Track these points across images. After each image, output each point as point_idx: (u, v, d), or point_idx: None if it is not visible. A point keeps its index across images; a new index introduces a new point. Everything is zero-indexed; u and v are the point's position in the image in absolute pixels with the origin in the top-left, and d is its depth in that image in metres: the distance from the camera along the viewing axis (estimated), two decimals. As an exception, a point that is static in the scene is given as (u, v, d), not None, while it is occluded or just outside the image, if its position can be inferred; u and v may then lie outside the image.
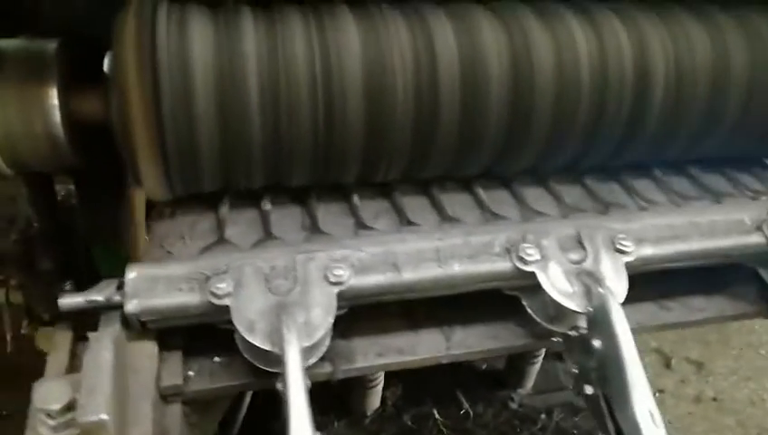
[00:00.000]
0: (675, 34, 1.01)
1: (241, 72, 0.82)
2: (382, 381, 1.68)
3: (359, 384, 1.67)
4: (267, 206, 0.95)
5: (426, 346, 0.88)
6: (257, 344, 0.71)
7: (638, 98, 0.99)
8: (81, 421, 0.61)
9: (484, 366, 1.87)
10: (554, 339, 0.89)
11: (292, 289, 0.76)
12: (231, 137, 0.84)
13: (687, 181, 1.13)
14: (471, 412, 1.81)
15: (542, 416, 1.76)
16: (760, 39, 1.05)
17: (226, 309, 0.73)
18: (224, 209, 0.93)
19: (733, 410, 2.38)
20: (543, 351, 1.72)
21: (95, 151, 0.91)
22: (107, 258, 1.04)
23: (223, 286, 0.73)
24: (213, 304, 0.73)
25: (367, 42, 0.87)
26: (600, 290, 0.80)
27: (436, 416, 1.78)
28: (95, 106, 0.86)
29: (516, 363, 1.76)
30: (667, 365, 2.55)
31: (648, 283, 0.97)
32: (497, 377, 1.85)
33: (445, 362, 0.88)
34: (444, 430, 1.77)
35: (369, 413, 1.76)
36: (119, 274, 0.76)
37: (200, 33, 0.82)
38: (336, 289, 0.76)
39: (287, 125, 0.86)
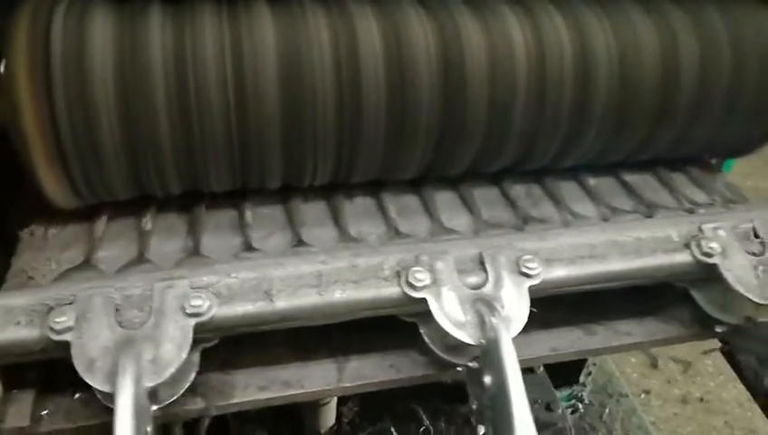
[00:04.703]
0: (619, 27, 0.94)
1: (144, 68, 0.78)
2: (335, 398, 1.60)
3: (310, 401, 1.59)
4: (148, 225, 0.88)
5: (315, 378, 0.80)
6: (94, 385, 0.64)
7: (580, 95, 0.93)
8: None
9: (448, 380, 1.78)
10: (458, 370, 0.82)
11: (144, 322, 0.69)
12: (136, 137, 0.80)
13: (623, 191, 1.05)
14: (431, 429, 1.73)
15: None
16: (711, 32, 0.98)
17: (68, 345, 0.66)
18: (99, 229, 0.86)
19: (720, 410, 2.33)
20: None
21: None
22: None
23: (63, 320, 0.66)
24: (52, 339, 0.66)
25: (283, 36, 0.82)
26: (492, 320, 0.72)
27: (394, 433, 1.70)
28: None
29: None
30: (654, 365, 2.49)
31: (574, 304, 0.90)
32: (460, 391, 1.76)
33: (336, 395, 0.81)
34: (402, 448, 1.70)
35: (323, 432, 1.68)
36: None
37: (101, 28, 0.78)
38: (193, 321, 0.69)
39: (198, 124, 0.80)
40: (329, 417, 1.68)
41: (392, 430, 1.72)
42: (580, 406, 2.09)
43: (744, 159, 1.18)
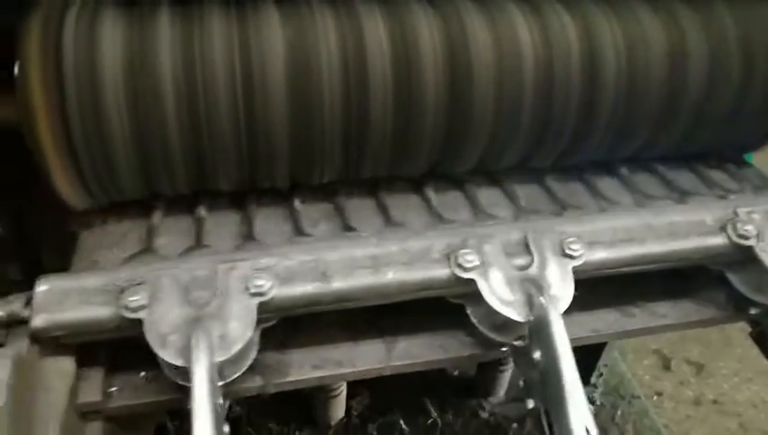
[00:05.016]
0: (627, 25, 0.95)
1: (154, 71, 0.80)
2: (345, 390, 1.63)
3: (320, 393, 1.62)
4: (202, 213, 0.92)
5: (366, 357, 0.84)
6: (167, 360, 0.67)
7: (587, 94, 0.94)
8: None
9: (455, 372, 1.80)
10: (503, 349, 0.85)
11: (210, 301, 0.72)
12: (147, 138, 0.82)
13: (656, 180, 1.08)
14: (439, 421, 1.75)
15: (514, 425, 1.68)
16: (720, 29, 0.99)
17: (140, 323, 0.70)
18: (156, 218, 0.90)
19: (734, 412, 2.30)
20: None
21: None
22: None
23: (136, 299, 0.70)
24: (126, 317, 0.70)
25: (291, 37, 0.84)
26: (541, 299, 0.75)
27: (403, 426, 1.72)
28: (8, 110, 0.81)
29: (487, 370, 1.69)
30: (667, 367, 2.47)
31: (613, 287, 0.93)
32: (468, 384, 1.78)
33: (386, 374, 0.84)
34: (410, 439, 1.72)
35: (332, 424, 1.70)
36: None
37: (111, 32, 0.80)
38: (257, 300, 0.72)
39: (206, 124, 0.82)
40: (339, 409, 1.71)
41: (401, 422, 1.74)
42: (592, 408, 2.10)
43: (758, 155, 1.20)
